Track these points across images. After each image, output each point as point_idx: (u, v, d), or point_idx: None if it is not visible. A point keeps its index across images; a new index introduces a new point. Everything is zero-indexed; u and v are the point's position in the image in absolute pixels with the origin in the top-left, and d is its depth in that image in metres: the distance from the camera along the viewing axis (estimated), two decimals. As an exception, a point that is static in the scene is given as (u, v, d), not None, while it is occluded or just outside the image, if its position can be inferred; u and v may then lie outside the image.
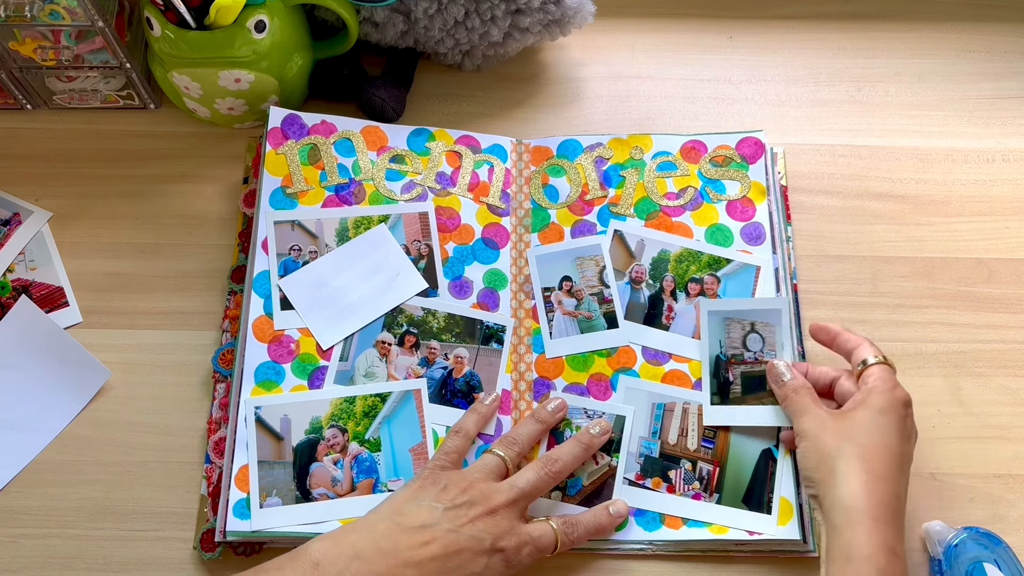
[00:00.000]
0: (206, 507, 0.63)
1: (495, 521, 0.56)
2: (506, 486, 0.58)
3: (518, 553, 0.56)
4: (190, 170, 0.75)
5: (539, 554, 0.58)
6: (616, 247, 0.70)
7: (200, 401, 0.67)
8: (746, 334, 0.65)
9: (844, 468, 0.54)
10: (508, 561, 0.56)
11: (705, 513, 0.62)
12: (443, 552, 0.54)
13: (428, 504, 0.56)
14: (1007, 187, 0.75)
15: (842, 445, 0.55)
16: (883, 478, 0.53)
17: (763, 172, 0.72)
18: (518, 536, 0.57)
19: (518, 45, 0.76)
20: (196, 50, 0.67)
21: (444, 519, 0.55)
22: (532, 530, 0.58)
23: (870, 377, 0.58)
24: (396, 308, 0.67)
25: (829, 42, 0.82)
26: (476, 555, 0.55)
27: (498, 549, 0.55)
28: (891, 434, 0.55)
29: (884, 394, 0.57)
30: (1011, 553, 0.60)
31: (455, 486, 0.57)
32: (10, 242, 0.71)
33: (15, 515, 0.63)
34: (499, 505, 0.57)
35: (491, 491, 0.57)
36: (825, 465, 0.55)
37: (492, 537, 0.55)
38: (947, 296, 0.71)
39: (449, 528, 0.55)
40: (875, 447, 0.55)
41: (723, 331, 0.65)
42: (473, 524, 0.55)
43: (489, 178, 0.72)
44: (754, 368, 0.64)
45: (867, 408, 0.56)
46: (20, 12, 0.66)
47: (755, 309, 0.65)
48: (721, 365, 0.65)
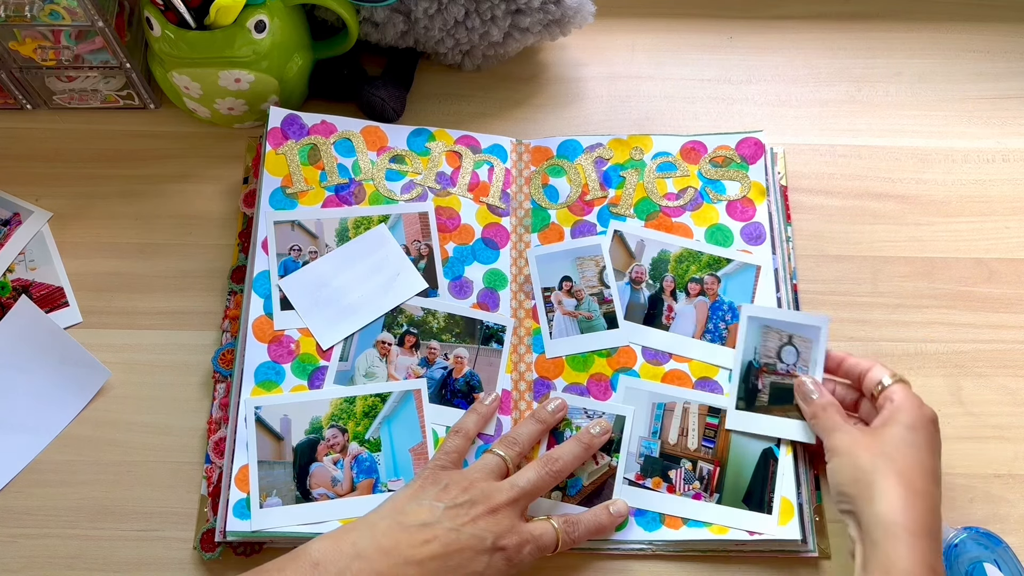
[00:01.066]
0: (206, 507, 0.63)
1: (496, 520, 0.56)
2: (507, 485, 0.58)
3: (519, 552, 0.56)
4: (190, 170, 0.75)
5: (540, 553, 0.58)
6: (616, 247, 0.70)
7: (200, 401, 0.67)
8: (782, 345, 0.65)
9: (882, 484, 0.54)
10: (509, 560, 0.56)
11: (705, 513, 0.62)
12: (444, 551, 0.54)
13: (429, 503, 0.56)
14: (1007, 187, 0.75)
15: (877, 461, 0.55)
16: (921, 494, 0.53)
17: (763, 172, 0.72)
18: (519, 535, 0.57)
19: (518, 45, 0.76)
20: (196, 50, 0.67)
21: (445, 518, 0.55)
22: (533, 529, 0.58)
23: (894, 395, 0.58)
24: (396, 308, 0.67)
25: (829, 42, 0.82)
26: (477, 554, 0.55)
27: (499, 548, 0.55)
28: (923, 450, 0.55)
29: (912, 411, 0.57)
30: (1011, 553, 0.60)
31: (456, 485, 0.57)
32: (10, 242, 0.71)
33: (15, 515, 0.63)
34: (500, 504, 0.57)
35: (492, 490, 0.57)
36: (861, 481, 0.55)
37: (493, 536, 0.55)
38: (947, 296, 0.71)
39: (450, 527, 0.55)
40: (910, 463, 0.55)
41: (760, 338, 0.65)
42: (474, 523, 0.55)
43: (489, 178, 0.73)
44: (784, 380, 0.64)
45: (898, 425, 0.56)
46: (20, 12, 0.66)
47: (795, 323, 0.65)
48: (752, 371, 0.65)
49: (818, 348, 0.64)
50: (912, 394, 0.58)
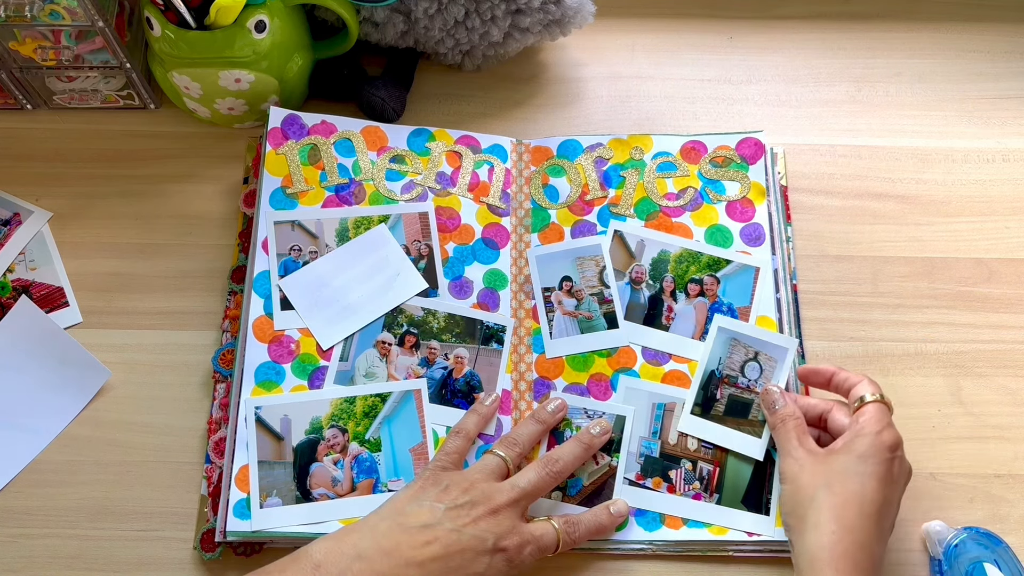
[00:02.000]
0: (206, 507, 0.63)
1: (497, 521, 0.56)
2: (507, 486, 0.58)
3: (520, 552, 0.56)
4: (190, 170, 0.75)
5: (541, 553, 0.58)
6: (616, 247, 0.70)
7: (200, 401, 0.67)
8: (747, 360, 0.65)
9: (814, 517, 0.54)
10: (511, 561, 0.56)
11: (705, 513, 0.62)
12: (445, 552, 0.54)
13: (430, 504, 0.56)
14: (1007, 187, 0.75)
15: (816, 492, 0.55)
16: (851, 529, 0.53)
17: (763, 172, 0.72)
18: (520, 535, 0.57)
19: (518, 45, 0.76)
20: (196, 50, 0.67)
21: (446, 519, 0.55)
22: (534, 529, 0.58)
23: (861, 416, 0.58)
24: (396, 308, 0.67)
25: (829, 42, 0.82)
26: (478, 555, 0.55)
27: (500, 548, 0.55)
28: (868, 481, 0.55)
29: (869, 437, 0.56)
30: (1011, 553, 0.60)
31: (456, 486, 0.57)
32: (10, 242, 0.71)
33: (15, 515, 0.63)
34: (501, 505, 0.57)
35: (493, 491, 0.57)
36: (798, 511, 0.55)
37: (494, 537, 0.55)
38: (947, 296, 0.71)
39: (451, 528, 0.55)
40: (849, 495, 0.54)
41: (727, 349, 0.65)
42: (475, 524, 0.55)
43: (489, 178, 0.73)
44: (743, 395, 0.64)
45: (849, 453, 0.56)
46: (20, 12, 0.66)
47: (763, 340, 0.65)
48: (713, 380, 0.65)
49: (781, 368, 0.64)
50: (878, 417, 0.57)
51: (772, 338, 0.65)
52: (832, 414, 0.61)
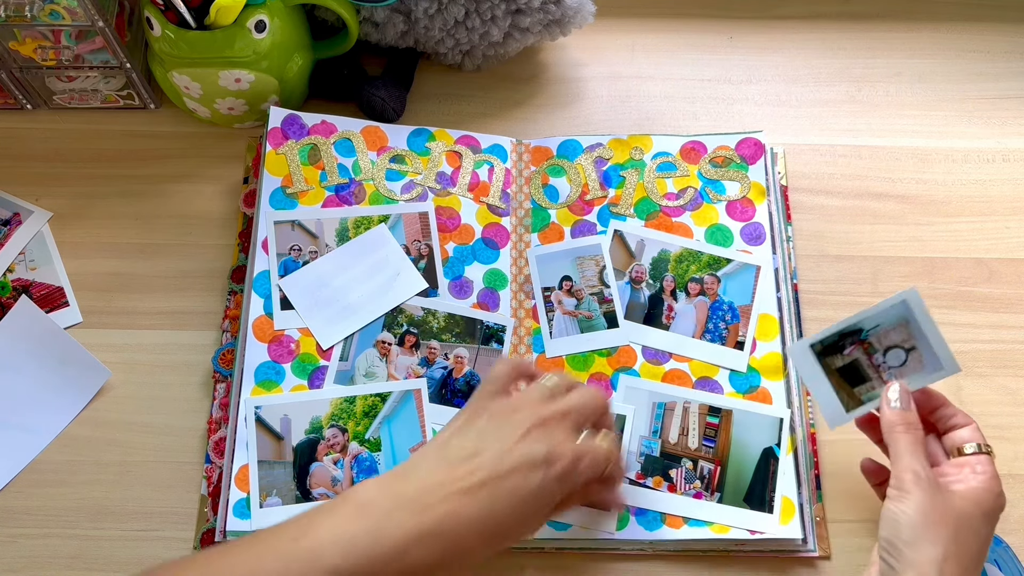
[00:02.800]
0: (206, 507, 0.63)
1: (547, 432, 0.51)
2: (555, 402, 0.54)
3: (576, 466, 0.51)
4: (190, 170, 0.75)
5: (596, 468, 0.52)
6: (616, 247, 0.70)
7: (200, 401, 0.67)
8: (897, 345, 0.59)
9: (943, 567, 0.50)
10: (565, 475, 0.51)
11: (706, 512, 0.62)
12: (493, 475, 0.49)
13: (475, 433, 0.52)
14: (1007, 187, 0.75)
15: (947, 541, 0.51)
16: None
17: (763, 172, 0.72)
18: (573, 449, 0.52)
19: (518, 45, 0.76)
20: (196, 50, 0.67)
21: (492, 441, 0.51)
22: (586, 442, 0.53)
23: (979, 466, 0.54)
24: (396, 308, 0.67)
25: (829, 42, 0.82)
26: (530, 471, 0.49)
27: (553, 461, 0.50)
28: (983, 545, 0.52)
29: (993, 496, 0.53)
30: (1011, 553, 0.60)
31: (503, 409, 0.53)
32: (10, 242, 0.71)
33: (15, 515, 0.63)
34: (549, 417, 0.52)
35: (540, 408, 0.53)
36: (925, 553, 0.51)
37: (545, 449, 0.50)
38: (947, 296, 0.71)
39: (498, 450, 0.50)
40: (969, 556, 0.51)
41: (892, 322, 0.58)
42: (523, 441, 0.51)
43: (489, 178, 0.73)
44: (867, 369, 0.59)
45: (976, 506, 0.52)
46: (20, 12, 0.66)
47: (931, 344, 0.58)
48: (854, 335, 0.59)
49: (922, 379, 0.58)
50: (996, 474, 0.54)
51: (941, 348, 0.58)
52: (930, 441, 0.57)
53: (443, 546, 0.47)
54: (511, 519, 0.50)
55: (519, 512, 0.50)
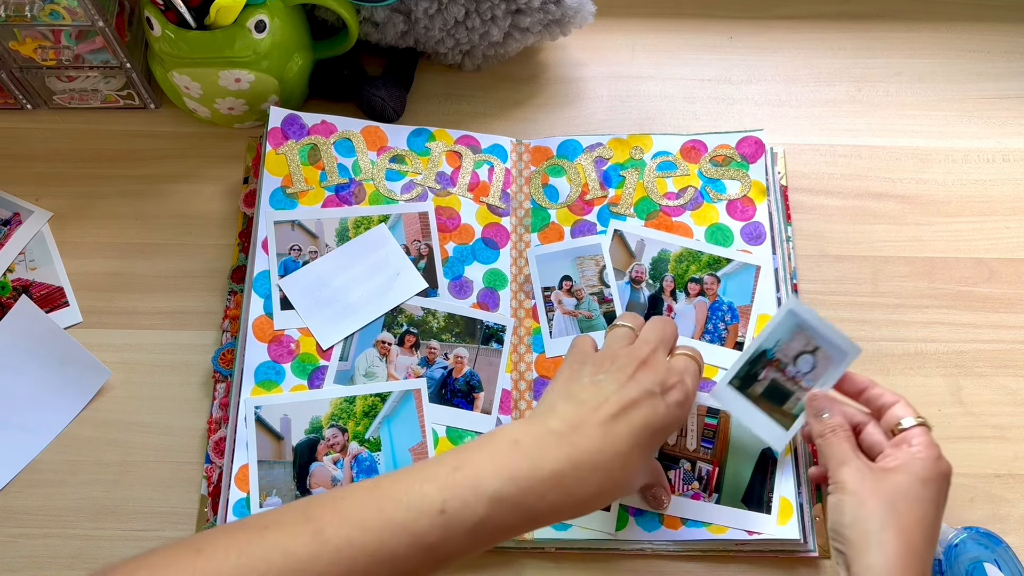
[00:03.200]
0: (206, 507, 0.63)
1: (652, 368, 0.55)
2: (641, 342, 0.58)
3: (685, 384, 0.55)
4: (190, 170, 0.75)
5: (697, 383, 0.57)
6: (616, 247, 0.70)
7: (200, 401, 0.67)
8: (804, 351, 0.62)
9: (881, 536, 0.52)
10: (683, 398, 0.55)
11: (704, 513, 0.62)
12: (622, 408, 0.52)
13: (589, 380, 0.55)
14: (1007, 187, 0.75)
15: (882, 511, 0.53)
16: (917, 555, 0.52)
17: (763, 172, 0.72)
18: (676, 372, 0.56)
19: (518, 45, 0.76)
20: (196, 50, 0.67)
21: (609, 383, 0.54)
22: (678, 364, 0.57)
23: (913, 439, 0.56)
24: (396, 308, 0.67)
25: (829, 42, 0.82)
26: (652, 400, 0.53)
27: (668, 388, 0.54)
28: (930, 508, 0.53)
29: (929, 463, 0.55)
30: (1011, 553, 0.60)
31: (602, 359, 0.56)
32: (10, 242, 0.71)
33: (15, 515, 0.63)
34: (646, 356, 0.56)
35: (635, 349, 0.57)
36: (861, 527, 0.53)
37: (658, 382, 0.54)
38: (947, 296, 0.71)
39: (616, 388, 0.53)
40: (915, 518, 0.53)
41: (788, 335, 0.62)
42: (634, 379, 0.54)
43: (489, 178, 0.73)
44: (786, 383, 0.62)
45: (911, 475, 0.54)
46: (20, 12, 0.66)
47: (829, 338, 0.61)
48: (762, 359, 0.62)
49: (835, 371, 0.61)
50: (931, 442, 0.56)
51: (838, 339, 0.61)
52: (868, 428, 0.59)
53: (598, 479, 0.50)
54: (648, 450, 0.54)
55: (654, 443, 0.54)
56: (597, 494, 0.51)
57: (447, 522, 0.47)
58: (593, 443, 0.51)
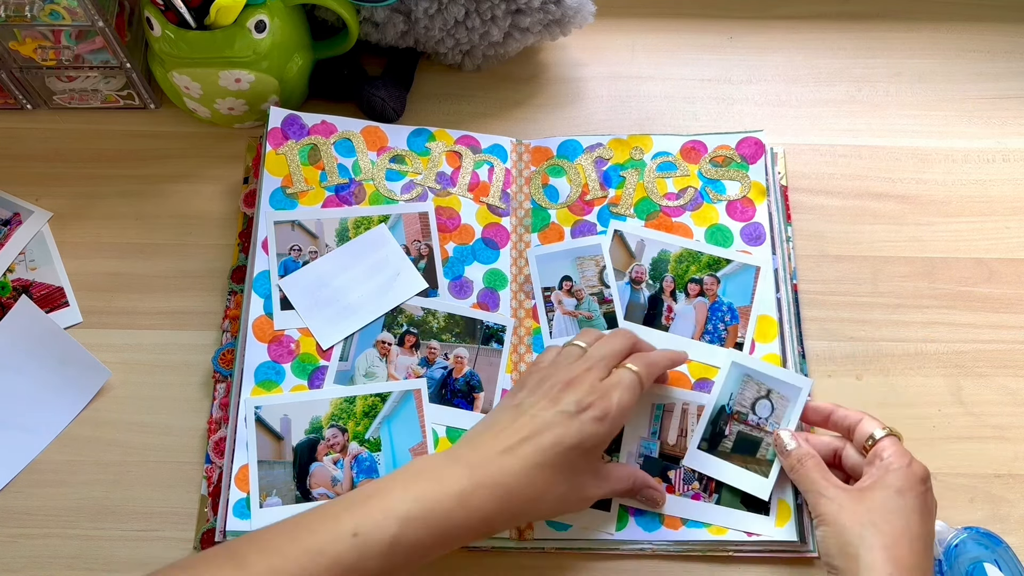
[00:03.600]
0: (206, 507, 0.63)
1: (574, 389, 0.56)
2: (581, 360, 0.59)
3: (607, 401, 0.56)
4: (190, 170, 0.75)
5: (631, 395, 0.57)
6: (616, 247, 0.70)
7: (200, 401, 0.67)
8: (759, 398, 0.64)
9: (867, 558, 0.52)
10: (603, 414, 0.55)
11: (704, 513, 0.62)
12: (534, 434, 0.54)
13: (514, 407, 0.57)
14: (1007, 187, 0.75)
15: (863, 532, 0.53)
16: (908, 568, 0.52)
17: (763, 172, 0.72)
18: (601, 390, 0.56)
19: (518, 45, 0.76)
20: (196, 50, 0.67)
21: (528, 411, 0.56)
22: (610, 380, 0.57)
23: (884, 452, 0.56)
24: (396, 308, 0.67)
25: (829, 42, 0.82)
26: (566, 424, 0.55)
27: (584, 408, 0.55)
28: (911, 516, 0.54)
29: (900, 471, 0.55)
30: (1011, 553, 0.60)
31: (540, 379, 0.58)
32: (10, 242, 0.71)
33: (15, 515, 0.63)
34: (575, 375, 0.57)
35: (568, 369, 0.58)
36: (847, 553, 0.53)
37: (575, 403, 0.55)
38: (947, 296, 0.71)
39: (533, 414, 0.55)
40: (897, 532, 0.53)
41: (739, 386, 0.64)
42: (554, 401, 0.56)
43: (489, 178, 0.73)
44: (752, 432, 0.63)
45: (885, 488, 0.55)
46: (20, 12, 0.66)
47: (777, 379, 0.64)
48: (723, 416, 0.64)
49: (794, 408, 0.63)
50: (901, 450, 0.57)
51: (786, 376, 0.64)
52: (846, 451, 0.60)
53: (499, 496, 0.53)
54: (562, 471, 0.55)
55: (567, 464, 0.55)
56: (499, 512, 0.53)
57: (361, 543, 0.49)
58: (495, 465, 0.53)
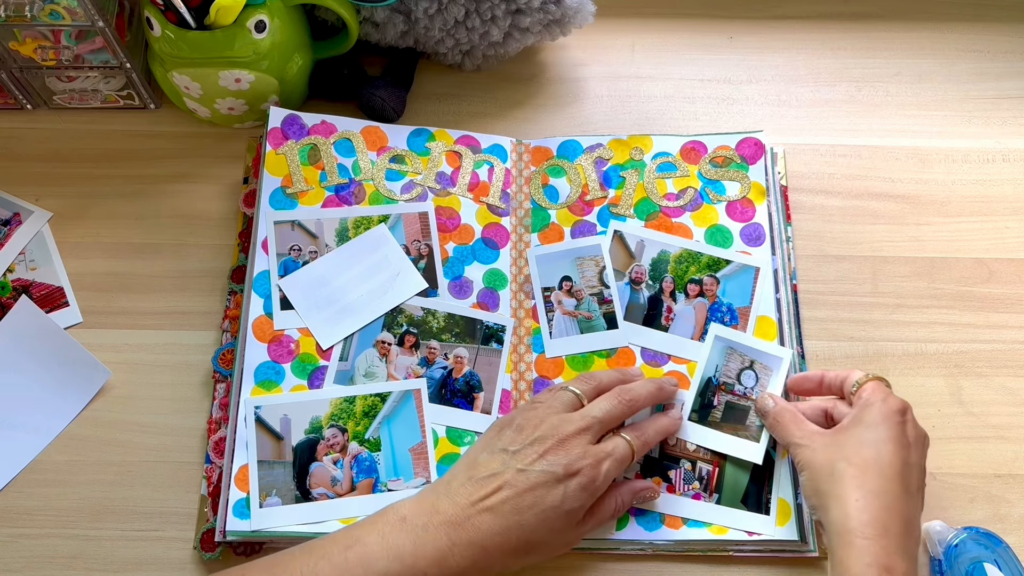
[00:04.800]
0: (206, 507, 0.63)
1: (566, 450, 0.56)
2: (578, 416, 0.58)
3: (596, 470, 0.56)
4: (190, 170, 0.75)
5: (620, 466, 0.58)
6: (616, 247, 0.70)
7: (200, 401, 0.67)
8: (743, 369, 0.65)
9: (836, 490, 0.54)
10: (590, 481, 0.55)
11: (705, 513, 0.62)
12: (515, 493, 0.54)
13: (500, 451, 0.56)
14: (1007, 187, 0.75)
15: (834, 467, 0.55)
16: (876, 493, 0.53)
17: (763, 173, 0.72)
18: (593, 456, 0.56)
19: (518, 45, 0.76)
20: (196, 50, 0.67)
21: (514, 462, 0.55)
22: (604, 447, 0.57)
23: (864, 392, 0.58)
24: (396, 308, 0.67)
25: (829, 42, 0.82)
26: (550, 487, 0.55)
27: (572, 474, 0.55)
28: (883, 446, 0.54)
29: (875, 406, 0.56)
30: (1011, 553, 0.60)
31: (527, 425, 0.57)
32: (10, 242, 0.71)
33: (15, 515, 0.63)
34: (570, 434, 0.56)
35: (562, 423, 0.57)
36: (821, 491, 0.55)
37: (564, 465, 0.55)
38: (947, 296, 0.71)
39: (519, 468, 0.55)
40: (867, 463, 0.54)
41: (723, 358, 0.65)
42: (543, 459, 0.55)
43: (489, 178, 0.73)
44: (740, 401, 0.64)
45: (858, 424, 0.56)
46: (20, 12, 0.66)
47: (759, 350, 0.65)
48: (710, 387, 0.65)
49: (776, 377, 0.64)
50: (879, 388, 0.58)
51: (767, 348, 0.65)
52: (836, 406, 0.61)
53: (474, 554, 0.53)
54: (538, 530, 0.55)
55: (545, 523, 0.55)
56: (472, 568, 0.53)
57: None
58: (476, 528, 0.54)
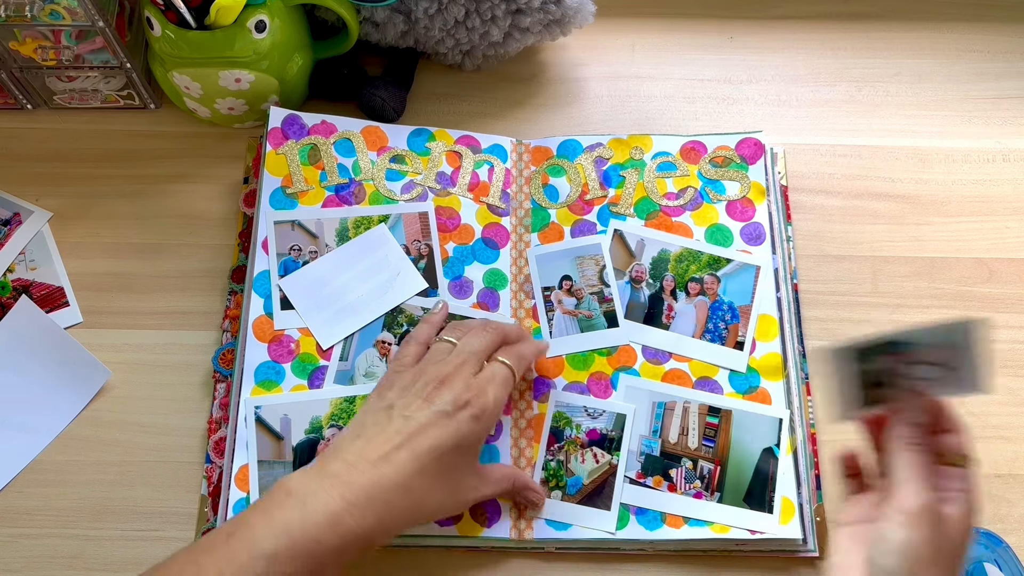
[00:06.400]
0: (206, 507, 0.63)
1: (449, 388, 0.56)
2: (452, 355, 0.58)
3: (483, 398, 0.56)
4: (190, 170, 0.75)
5: (505, 388, 0.58)
6: (616, 247, 0.70)
7: (200, 401, 0.67)
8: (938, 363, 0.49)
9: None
10: (480, 412, 0.55)
11: (706, 512, 0.62)
12: (408, 438, 0.53)
13: (385, 407, 0.56)
14: (1007, 187, 0.75)
15: None
16: None
17: (763, 172, 0.72)
18: (476, 387, 0.56)
19: (518, 45, 0.76)
20: (196, 50, 0.67)
21: (402, 412, 0.55)
22: (484, 374, 0.57)
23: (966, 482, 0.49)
24: (396, 308, 0.67)
25: (829, 42, 0.82)
26: (443, 425, 0.54)
27: (461, 406, 0.55)
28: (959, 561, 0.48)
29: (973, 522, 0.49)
30: (1011, 553, 0.60)
31: (410, 379, 0.57)
32: (10, 242, 0.71)
33: (15, 515, 0.63)
34: (449, 373, 0.56)
35: (440, 365, 0.57)
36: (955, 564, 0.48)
37: (450, 402, 0.55)
38: (947, 296, 0.71)
39: (407, 416, 0.54)
40: None
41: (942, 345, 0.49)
42: (428, 401, 0.55)
43: (489, 178, 0.73)
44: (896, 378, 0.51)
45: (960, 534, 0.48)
46: (20, 12, 0.66)
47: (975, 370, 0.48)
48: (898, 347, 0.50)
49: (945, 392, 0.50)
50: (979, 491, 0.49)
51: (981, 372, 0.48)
52: None
53: (375, 512, 0.51)
54: (441, 473, 0.53)
55: (448, 464, 0.54)
56: (377, 528, 0.51)
57: None
58: (368, 478, 0.51)
